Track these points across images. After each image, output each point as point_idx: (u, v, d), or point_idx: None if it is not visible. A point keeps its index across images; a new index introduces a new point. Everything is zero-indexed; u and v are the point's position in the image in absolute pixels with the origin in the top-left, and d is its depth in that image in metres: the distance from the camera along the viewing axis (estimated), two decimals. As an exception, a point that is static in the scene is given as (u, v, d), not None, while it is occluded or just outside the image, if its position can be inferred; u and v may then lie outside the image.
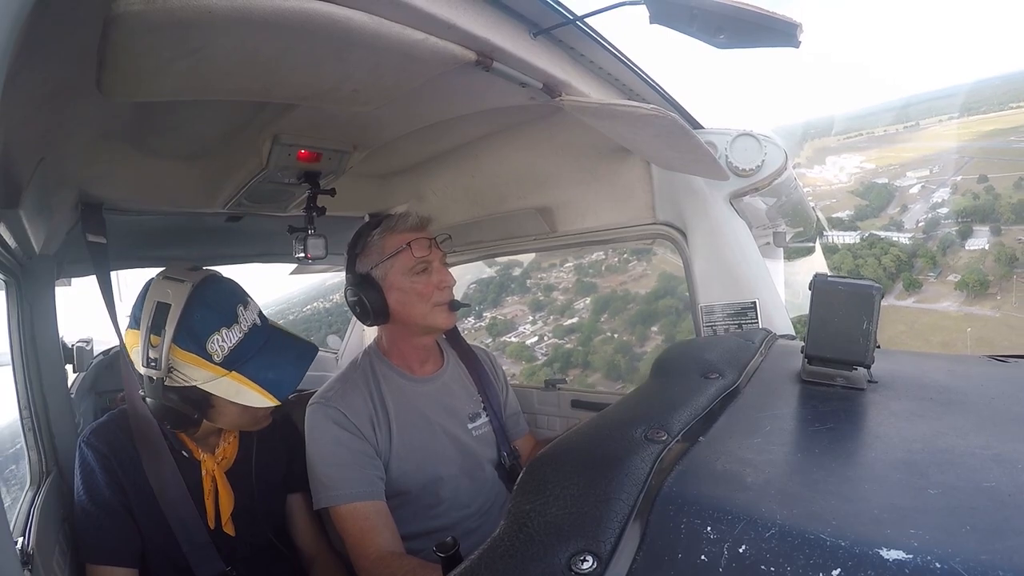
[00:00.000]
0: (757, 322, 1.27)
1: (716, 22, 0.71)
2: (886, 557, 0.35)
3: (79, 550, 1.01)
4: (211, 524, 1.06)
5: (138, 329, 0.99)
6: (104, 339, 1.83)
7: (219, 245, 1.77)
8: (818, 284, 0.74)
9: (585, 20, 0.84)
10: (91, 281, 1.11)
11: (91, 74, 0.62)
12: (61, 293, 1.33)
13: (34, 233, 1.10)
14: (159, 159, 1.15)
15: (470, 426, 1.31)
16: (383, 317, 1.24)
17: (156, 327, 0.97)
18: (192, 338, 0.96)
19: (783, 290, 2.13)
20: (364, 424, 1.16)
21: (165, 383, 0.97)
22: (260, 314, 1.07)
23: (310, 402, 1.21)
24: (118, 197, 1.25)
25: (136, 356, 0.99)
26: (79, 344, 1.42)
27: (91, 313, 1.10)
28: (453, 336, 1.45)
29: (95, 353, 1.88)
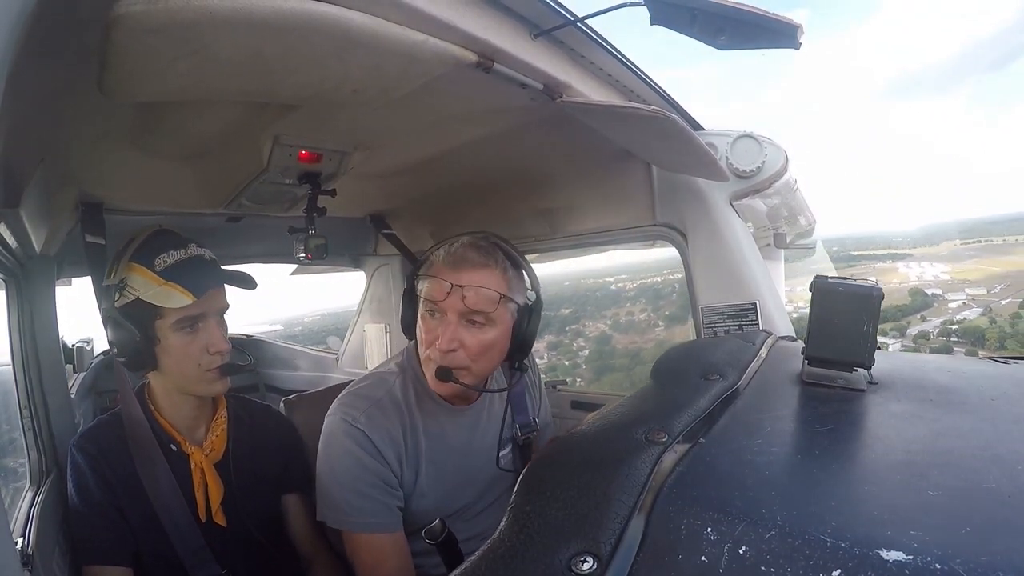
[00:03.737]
0: (757, 323, 1.27)
1: (717, 23, 0.71)
2: (886, 558, 0.35)
3: (75, 552, 1.02)
4: (202, 517, 1.07)
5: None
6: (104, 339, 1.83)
7: (219, 246, 1.77)
8: (819, 286, 0.74)
9: (586, 21, 0.84)
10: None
11: (92, 74, 0.62)
12: (61, 293, 1.33)
13: (35, 233, 1.10)
14: (159, 159, 1.15)
15: (500, 453, 1.19)
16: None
17: (119, 255, 1.06)
18: (145, 255, 1.04)
19: (784, 292, 2.13)
20: (390, 455, 1.06)
21: (115, 303, 1.03)
22: (211, 256, 1.11)
23: (331, 411, 1.09)
24: (118, 197, 1.25)
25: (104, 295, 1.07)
26: (79, 344, 1.42)
27: (91, 313, 1.10)
28: None
29: (95, 353, 1.88)
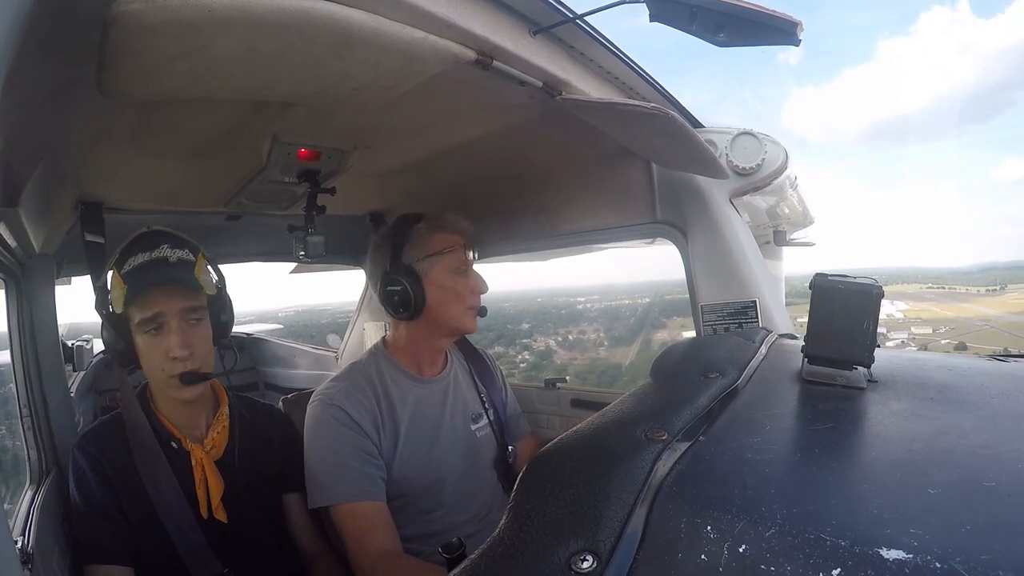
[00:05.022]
0: (757, 321, 1.27)
1: (716, 20, 0.71)
2: (886, 556, 0.35)
3: (76, 552, 1.02)
4: (203, 513, 1.07)
5: None
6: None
7: (219, 244, 1.77)
8: (818, 283, 0.74)
9: (585, 18, 0.84)
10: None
11: (91, 74, 0.62)
12: (61, 292, 1.33)
13: (34, 232, 1.10)
14: (159, 159, 1.15)
15: (473, 427, 1.30)
16: (419, 312, 1.21)
17: (111, 257, 1.06)
18: (122, 257, 1.03)
19: (783, 289, 2.13)
20: (367, 425, 1.14)
21: (98, 304, 1.04)
22: (182, 258, 1.05)
23: (312, 398, 1.19)
24: (118, 197, 1.25)
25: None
26: (79, 343, 1.42)
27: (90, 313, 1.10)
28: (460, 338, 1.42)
29: (95, 352, 1.88)
